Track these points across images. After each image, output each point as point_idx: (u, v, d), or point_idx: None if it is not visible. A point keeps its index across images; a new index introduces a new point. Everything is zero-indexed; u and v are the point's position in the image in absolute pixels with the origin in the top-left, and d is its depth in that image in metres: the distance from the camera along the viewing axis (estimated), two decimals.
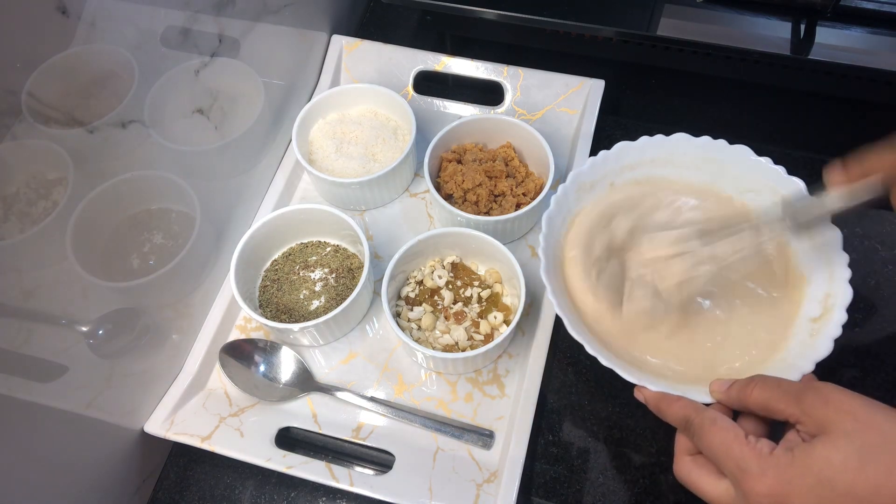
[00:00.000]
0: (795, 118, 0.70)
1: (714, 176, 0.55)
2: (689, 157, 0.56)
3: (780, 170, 0.53)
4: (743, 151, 0.54)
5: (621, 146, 0.55)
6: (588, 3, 0.66)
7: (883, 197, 0.42)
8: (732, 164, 0.54)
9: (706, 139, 0.55)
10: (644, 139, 0.55)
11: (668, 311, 0.51)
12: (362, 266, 0.59)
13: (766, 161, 0.53)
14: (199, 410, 0.56)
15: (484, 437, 0.54)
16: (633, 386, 0.46)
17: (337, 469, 0.52)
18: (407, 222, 0.66)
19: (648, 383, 0.44)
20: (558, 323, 0.56)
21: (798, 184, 0.52)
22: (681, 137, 0.55)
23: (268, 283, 0.61)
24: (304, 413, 0.56)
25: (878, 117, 0.46)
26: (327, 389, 0.56)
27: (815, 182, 0.51)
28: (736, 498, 0.37)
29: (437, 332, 0.56)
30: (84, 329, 0.46)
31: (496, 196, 0.62)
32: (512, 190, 0.62)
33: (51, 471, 0.45)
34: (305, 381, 0.57)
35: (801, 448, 0.35)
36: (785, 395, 0.38)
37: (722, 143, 0.54)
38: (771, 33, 0.63)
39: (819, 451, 0.34)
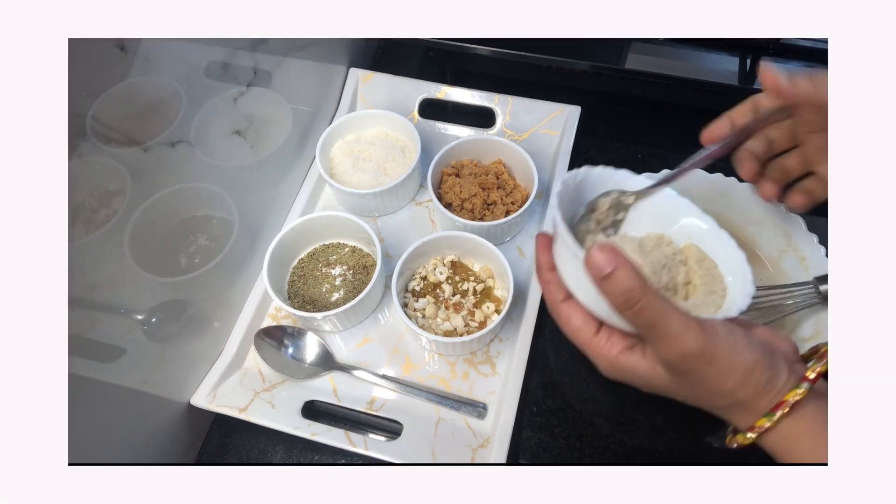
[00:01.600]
0: None
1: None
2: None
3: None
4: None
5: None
6: (566, 42, 0.66)
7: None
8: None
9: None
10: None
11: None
12: (375, 264, 0.59)
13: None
14: (236, 386, 0.56)
15: (478, 408, 0.54)
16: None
17: (354, 436, 0.52)
18: (413, 227, 0.66)
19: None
20: (542, 311, 0.57)
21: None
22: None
23: (295, 279, 0.61)
24: (326, 388, 0.56)
25: None
26: (346, 368, 0.56)
27: None
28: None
29: (439, 319, 0.56)
30: (139, 317, 0.46)
31: (489, 205, 0.62)
32: (502, 199, 0.62)
33: (114, 437, 0.45)
34: (327, 362, 0.57)
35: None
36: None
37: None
38: (722, 67, 0.63)
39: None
